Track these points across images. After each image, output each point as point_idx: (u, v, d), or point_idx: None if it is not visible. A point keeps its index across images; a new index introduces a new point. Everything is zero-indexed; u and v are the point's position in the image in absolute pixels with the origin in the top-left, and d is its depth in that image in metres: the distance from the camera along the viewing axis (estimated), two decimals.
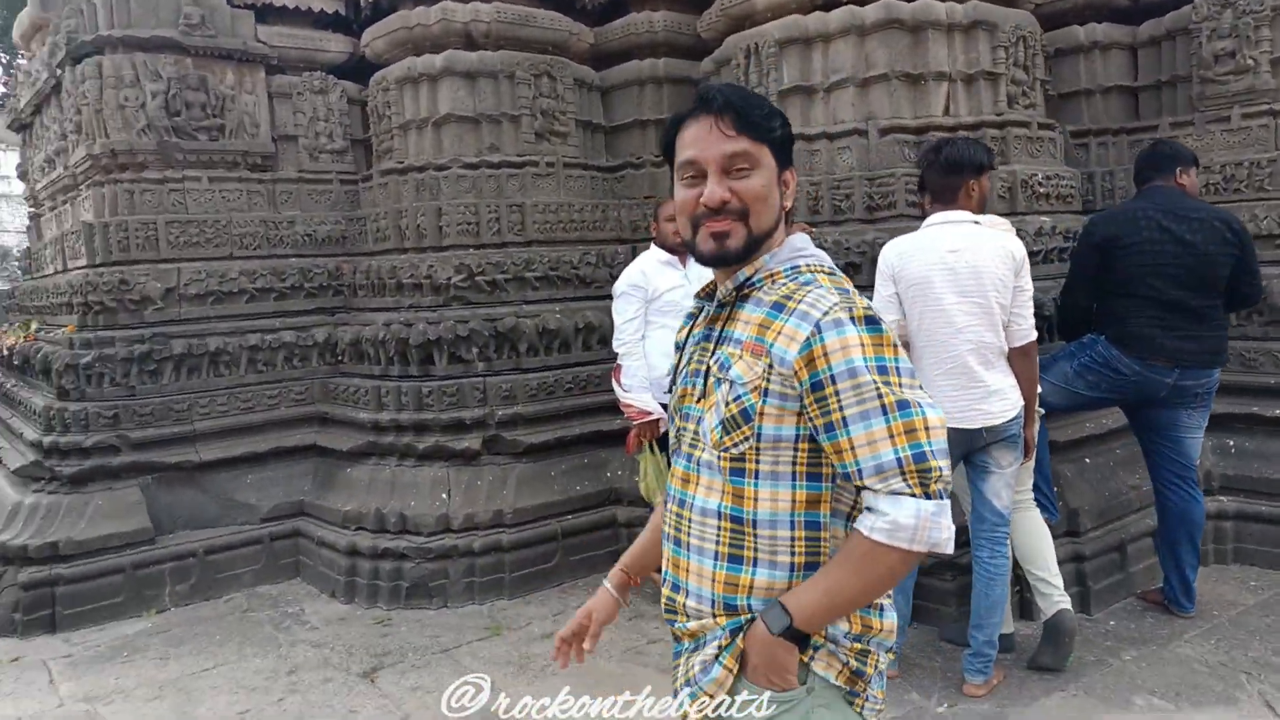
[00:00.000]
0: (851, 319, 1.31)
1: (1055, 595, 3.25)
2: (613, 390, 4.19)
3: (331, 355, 5.24)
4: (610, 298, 5.17)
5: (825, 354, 1.29)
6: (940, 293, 3.06)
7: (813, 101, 4.66)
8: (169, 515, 4.65)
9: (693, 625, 1.41)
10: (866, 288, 3.45)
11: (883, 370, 1.29)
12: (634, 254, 5.26)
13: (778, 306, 1.35)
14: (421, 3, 5.17)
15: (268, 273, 5.15)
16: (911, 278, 3.12)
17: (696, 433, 1.40)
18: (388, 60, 5.37)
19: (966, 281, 3.06)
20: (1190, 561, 3.72)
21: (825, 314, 1.31)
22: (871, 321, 1.32)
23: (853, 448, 1.29)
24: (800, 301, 1.34)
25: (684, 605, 1.41)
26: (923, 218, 3.36)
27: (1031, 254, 3.68)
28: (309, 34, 5.48)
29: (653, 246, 4.19)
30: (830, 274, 1.40)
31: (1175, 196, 3.60)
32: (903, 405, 1.29)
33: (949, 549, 1.30)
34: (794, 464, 1.35)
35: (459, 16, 5.03)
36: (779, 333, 1.33)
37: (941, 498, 1.29)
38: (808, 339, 1.30)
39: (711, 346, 1.42)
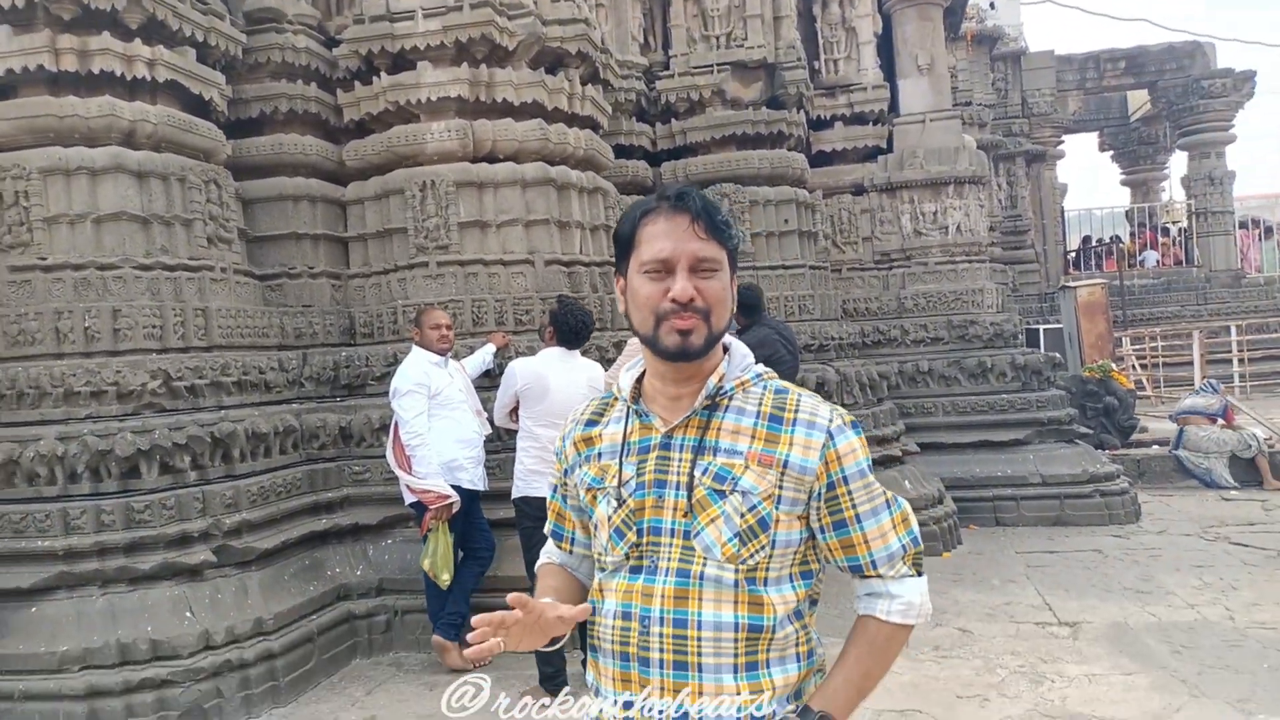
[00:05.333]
0: (847, 425, 1.40)
1: None
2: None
3: None
4: (292, 401, 5.37)
5: (839, 457, 1.37)
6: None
7: (486, 234, 5.66)
8: None
9: None
10: None
11: (872, 468, 1.42)
12: (305, 361, 5.51)
13: (775, 418, 1.39)
14: (62, 93, 4.79)
15: None
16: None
17: (688, 547, 1.36)
18: (5, 146, 4.76)
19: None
20: None
21: (831, 421, 1.39)
22: (857, 426, 1.43)
23: (866, 541, 1.39)
24: (799, 411, 1.39)
25: None
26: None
27: None
28: None
29: (415, 349, 4.69)
30: (775, 378, 1.47)
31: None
32: (894, 498, 1.43)
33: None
34: (792, 565, 1.40)
35: (126, 114, 4.81)
36: (791, 443, 1.37)
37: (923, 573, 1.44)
38: (823, 445, 1.37)
39: (687, 456, 1.38)
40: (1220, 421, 8.66)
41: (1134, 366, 14.26)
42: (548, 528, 1.64)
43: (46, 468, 4.25)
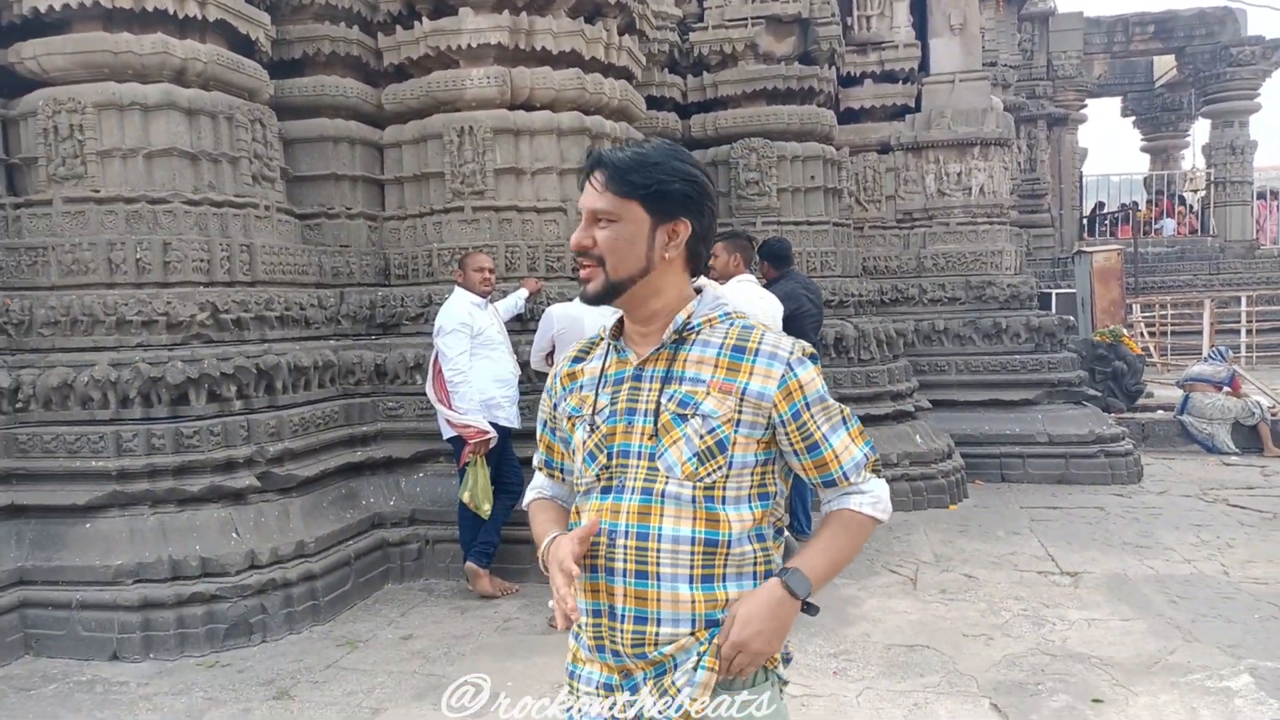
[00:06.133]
0: (806, 357, 1.54)
1: None
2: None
3: (10, 403, 4.51)
4: (329, 337, 5.55)
5: (801, 386, 1.50)
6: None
7: (521, 181, 5.79)
8: None
9: (668, 649, 1.48)
10: None
11: (829, 393, 1.57)
12: (342, 299, 5.68)
13: (739, 349, 1.51)
14: (115, 29, 4.90)
15: None
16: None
17: (653, 467, 1.49)
18: (59, 79, 4.90)
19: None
20: (807, 496, 5.74)
21: (790, 354, 1.51)
22: (815, 358, 1.56)
23: (836, 456, 1.53)
24: (761, 343, 1.52)
25: (655, 635, 1.48)
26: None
27: None
28: None
29: (458, 290, 4.86)
30: (744, 319, 1.59)
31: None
32: (850, 414, 1.59)
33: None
34: (750, 487, 1.52)
35: (178, 51, 4.92)
36: (751, 372, 1.50)
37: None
38: (783, 375, 1.50)
39: (655, 385, 1.52)
40: (1226, 389, 8.82)
41: (1143, 333, 14.38)
42: (538, 460, 1.75)
43: (100, 392, 4.45)
